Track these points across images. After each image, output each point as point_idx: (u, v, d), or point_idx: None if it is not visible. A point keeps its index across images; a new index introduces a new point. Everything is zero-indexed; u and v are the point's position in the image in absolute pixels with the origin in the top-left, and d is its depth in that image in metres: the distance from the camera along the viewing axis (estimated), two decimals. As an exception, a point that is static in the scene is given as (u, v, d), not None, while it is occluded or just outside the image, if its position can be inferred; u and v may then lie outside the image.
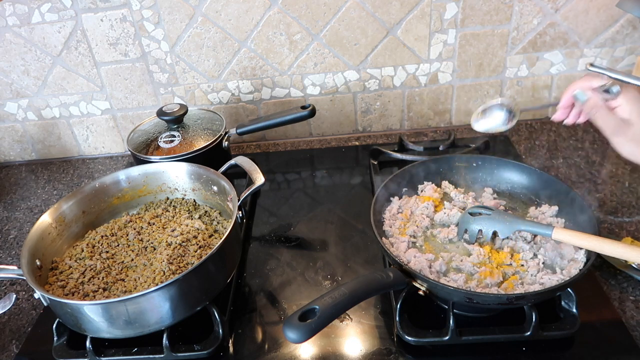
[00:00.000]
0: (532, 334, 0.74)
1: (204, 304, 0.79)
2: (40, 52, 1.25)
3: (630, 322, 0.78)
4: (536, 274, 0.77)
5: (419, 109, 1.31)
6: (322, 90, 1.29)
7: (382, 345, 0.78)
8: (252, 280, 0.94)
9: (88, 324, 0.75)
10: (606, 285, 0.84)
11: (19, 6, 1.19)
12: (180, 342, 0.80)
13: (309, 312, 0.65)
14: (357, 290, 0.69)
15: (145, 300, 0.73)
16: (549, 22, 1.16)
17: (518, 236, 0.83)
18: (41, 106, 1.34)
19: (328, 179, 1.21)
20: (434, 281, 0.74)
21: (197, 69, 1.26)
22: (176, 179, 1.03)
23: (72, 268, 0.88)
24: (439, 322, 0.78)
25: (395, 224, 0.89)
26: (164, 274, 0.81)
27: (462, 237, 0.85)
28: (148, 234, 0.93)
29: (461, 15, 1.16)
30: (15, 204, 1.27)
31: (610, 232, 0.95)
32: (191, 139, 1.12)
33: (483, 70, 1.24)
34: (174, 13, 1.18)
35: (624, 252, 0.70)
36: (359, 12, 1.17)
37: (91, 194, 0.99)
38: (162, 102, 1.32)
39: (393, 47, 1.21)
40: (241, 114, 1.34)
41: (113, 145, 1.41)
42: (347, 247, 0.98)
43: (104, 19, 1.20)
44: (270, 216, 1.11)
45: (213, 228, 0.95)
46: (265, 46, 1.22)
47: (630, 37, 1.18)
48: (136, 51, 1.24)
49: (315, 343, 0.80)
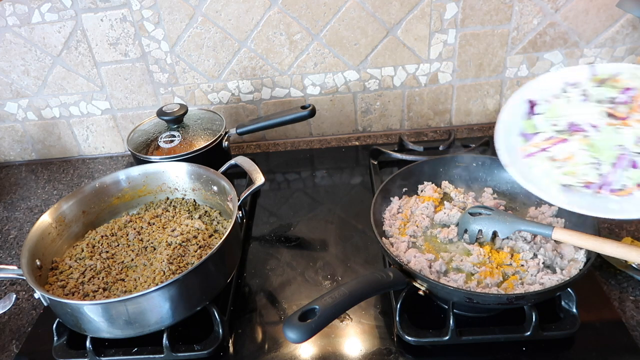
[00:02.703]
0: (532, 334, 0.74)
1: (204, 304, 0.79)
2: (40, 52, 1.25)
3: (630, 322, 0.78)
4: (536, 274, 0.77)
5: (419, 109, 1.31)
6: (322, 90, 1.29)
7: (382, 345, 0.78)
8: (252, 280, 0.94)
9: (88, 324, 0.75)
10: (606, 285, 0.84)
11: (19, 6, 1.19)
12: (180, 342, 0.80)
13: (309, 312, 0.65)
14: (357, 290, 0.69)
15: (145, 300, 0.73)
16: (549, 22, 1.16)
17: (518, 236, 0.83)
18: (41, 106, 1.34)
19: (328, 179, 1.21)
20: (434, 281, 0.74)
21: (197, 69, 1.26)
22: (176, 179, 1.03)
23: (72, 268, 0.88)
24: (439, 322, 0.78)
25: (395, 224, 0.89)
26: (164, 274, 0.81)
27: (462, 237, 0.85)
28: (148, 234, 0.93)
29: (461, 15, 1.16)
30: (15, 204, 1.27)
31: (610, 232, 0.95)
32: (191, 139, 1.12)
33: (483, 70, 1.24)
34: (174, 13, 1.18)
35: (624, 252, 0.70)
36: (359, 12, 1.17)
37: (91, 194, 0.99)
38: (162, 102, 1.32)
39: (393, 47, 1.21)
40: (241, 114, 1.34)
41: (113, 145, 1.41)
42: (347, 247, 0.98)
43: (104, 19, 1.20)
44: (270, 216, 1.11)
45: (213, 228, 0.95)
46: (265, 46, 1.22)
47: (630, 37, 1.18)
48: (136, 51, 1.24)
49: (315, 343, 0.80)
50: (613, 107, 0.69)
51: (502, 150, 0.76)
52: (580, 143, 0.69)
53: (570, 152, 0.70)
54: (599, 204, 0.69)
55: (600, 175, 0.68)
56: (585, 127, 0.69)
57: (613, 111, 0.69)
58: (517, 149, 0.75)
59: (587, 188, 0.69)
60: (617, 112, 0.69)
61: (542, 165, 0.73)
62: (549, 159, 0.72)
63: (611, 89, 0.70)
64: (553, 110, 0.73)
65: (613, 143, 0.67)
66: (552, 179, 0.71)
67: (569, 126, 0.71)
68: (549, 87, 0.76)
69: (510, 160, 0.75)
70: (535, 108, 0.76)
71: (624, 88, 0.70)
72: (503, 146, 0.76)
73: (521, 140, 0.75)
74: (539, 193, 0.72)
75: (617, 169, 0.67)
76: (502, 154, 0.76)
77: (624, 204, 0.68)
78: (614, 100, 0.70)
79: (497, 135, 0.78)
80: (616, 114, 0.69)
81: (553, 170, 0.71)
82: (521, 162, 0.74)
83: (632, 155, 0.66)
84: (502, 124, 0.78)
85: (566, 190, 0.71)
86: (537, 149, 0.73)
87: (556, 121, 0.72)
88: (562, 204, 0.70)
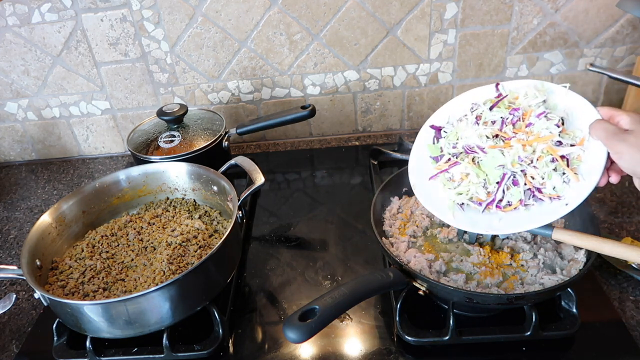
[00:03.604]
0: (532, 334, 0.74)
1: (204, 304, 0.79)
2: (40, 52, 1.25)
3: (630, 322, 0.78)
4: (536, 274, 0.77)
5: (419, 109, 1.31)
6: (322, 90, 1.29)
7: (382, 345, 0.79)
8: (252, 280, 0.94)
9: (88, 324, 0.75)
10: (606, 285, 0.84)
11: (19, 6, 1.19)
12: (180, 342, 0.80)
13: (309, 312, 0.65)
14: (357, 290, 0.69)
15: (145, 300, 0.73)
16: (549, 22, 1.16)
17: (518, 236, 0.83)
18: (41, 106, 1.34)
19: (328, 179, 1.21)
20: (434, 281, 0.74)
21: (197, 69, 1.26)
22: (176, 179, 1.03)
23: (72, 268, 0.88)
24: (439, 322, 0.78)
25: (395, 224, 0.89)
26: (164, 274, 0.81)
27: (462, 237, 0.85)
28: (148, 234, 0.93)
29: (461, 15, 1.16)
30: (15, 204, 1.27)
31: (610, 232, 0.95)
32: (191, 139, 1.12)
33: (483, 70, 1.24)
34: (174, 13, 1.18)
35: (624, 252, 0.70)
36: (359, 12, 1.17)
37: (91, 194, 0.99)
38: (162, 102, 1.32)
39: (393, 47, 1.21)
40: (241, 114, 1.34)
41: (113, 145, 1.41)
42: (347, 247, 0.98)
43: (104, 19, 1.20)
44: (270, 216, 1.11)
45: (213, 228, 0.95)
46: (265, 46, 1.22)
47: (630, 37, 1.18)
48: (136, 51, 1.24)
49: (315, 343, 0.80)
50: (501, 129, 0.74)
51: (412, 172, 0.81)
52: (469, 165, 0.74)
53: (464, 173, 0.75)
54: (487, 221, 0.73)
55: (488, 193, 0.73)
56: (475, 149, 0.74)
57: (500, 132, 0.73)
58: (426, 171, 0.80)
59: (479, 205, 0.74)
60: (503, 132, 0.73)
61: (441, 185, 0.78)
62: (448, 179, 0.77)
63: (504, 109, 0.75)
64: (454, 133, 0.78)
65: (496, 163, 0.72)
66: (449, 198, 0.76)
67: (464, 148, 0.76)
68: (459, 109, 0.81)
69: (416, 181, 0.80)
70: (442, 132, 0.80)
71: (512, 108, 0.74)
72: (414, 169, 0.81)
73: (431, 162, 0.80)
74: (434, 212, 0.77)
75: (501, 187, 0.72)
76: (411, 175, 0.81)
77: (508, 219, 0.72)
78: (505, 120, 0.74)
79: (410, 158, 0.82)
80: (503, 135, 0.73)
81: (450, 190, 0.76)
82: (426, 183, 0.79)
83: (512, 174, 0.71)
84: (416, 148, 0.83)
85: (460, 210, 0.75)
86: (438, 170, 0.78)
87: (455, 144, 0.77)
88: (453, 222, 0.75)
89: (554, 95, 0.75)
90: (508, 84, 0.79)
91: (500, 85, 0.79)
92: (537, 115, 0.72)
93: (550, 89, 0.75)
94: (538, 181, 0.70)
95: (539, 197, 0.71)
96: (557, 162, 0.69)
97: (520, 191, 0.71)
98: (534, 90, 0.75)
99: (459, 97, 0.82)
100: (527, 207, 0.72)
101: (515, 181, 0.71)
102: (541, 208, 0.71)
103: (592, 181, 0.67)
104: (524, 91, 0.76)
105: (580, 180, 0.68)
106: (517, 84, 0.78)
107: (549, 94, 0.75)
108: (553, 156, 0.69)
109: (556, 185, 0.70)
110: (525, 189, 0.71)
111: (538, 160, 0.70)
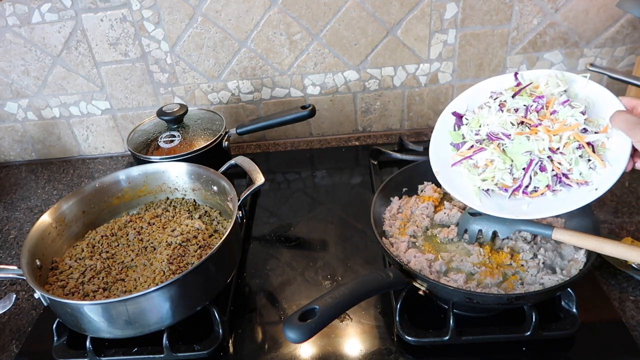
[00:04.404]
0: (532, 334, 0.74)
1: (204, 304, 0.79)
2: (40, 52, 1.25)
3: (630, 322, 0.78)
4: (536, 274, 0.77)
5: (419, 109, 1.31)
6: (322, 90, 1.29)
7: (382, 345, 0.79)
8: (252, 280, 0.94)
9: (88, 324, 0.75)
10: (606, 285, 0.84)
11: (19, 6, 1.19)
12: (180, 342, 0.80)
13: (309, 312, 0.65)
14: (357, 290, 0.69)
15: (145, 300, 0.73)
16: (549, 22, 1.16)
17: (518, 236, 0.83)
18: (41, 106, 1.34)
19: (328, 179, 1.21)
20: (434, 281, 0.74)
21: (197, 69, 1.26)
22: (176, 179, 1.03)
23: (72, 268, 0.88)
24: (439, 322, 0.78)
25: (395, 224, 0.89)
26: (164, 274, 0.81)
27: (462, 237, 0.85)
28: (148, 234, 0.93)
29: (461, 15, 1.16)
30: (15, 204, 1.27)
31: (610, 232, 0.95)
32: (191, 139, 1.12)
33: (483, 70, 1.24)
34: (174, 13, 1.18)
35: (624, 252, 0.70)
36: (359, 12, 1.17)
37: (91, 194, 0.99)
38: (162, 102, 1.32)
39: (393, 47, 1.21)
40: (241, 114, 1.34)
41: (113, 145, 1.41)
42: (347, 247, 0.98)
43: (104, 19, 1.20)
44: (270, 216, 1.11)
45: (213, 228, 0.95)
46: (265, 46, 1.22)
47: (630, 37, 1.18)
48: (136, 51, 1.24)
49: (315, 343, 0.80)
50: (525, 116, 0.74)
51: (433, 159, 0.81)
52: (495, 150, 0.74)
53: (489, 159, 0.75)
54: (514, 206, 0.74)
55: (514, 179, 0.74)
56: (500, 136, 0.74)
57: (525, 119, 0.74)
58: (447, 158, 0.80)
59: (505, 191, 0.74)
60: (528, 119, 0.74)
61: (465, 172, 0.78)
62: (472, 166, 0.77)
63: (527, 97, 0.75)
64: (476, 120, 0.78)
65: (523, 149, 0.72)
66: (473, 184, 0.77)
67: (487, 135, 0.76)
68: (478, 97, 0.81)
69: (438, 168, 0.80)
70: (463, 119, 0.81)
71: (536, 96, 0.74)
72: (435, 156, 0.81)
73: (452, 149, 0.81)
74: (460, 197, 0.77)
75: (528, 173, 0.72)
76: (432, 163, 0.81)
77: (536, 204, 0.73)
78: (529, 107, 0.74)
79: (430, 145, 0.83)
80: (528, 122, 0.73)
81: (474, 176, 0.77)
82: (449, 169, 0.80)
83: (539, 160, 0.72)
84: (436, 135, 0.83)
85: (486, 195, 0.76)
86: (461, 157, 0.79)
87: (478, 130, 0.78)
88: (481, 207, 0.75)
89: (574, 85, 0.75)
90: (526, 73, 0.79)
91: (519, 74, 0.79)
92: (562, 103, 0.72)
93: (571, 79, 0.76)
94: (565, 167, 0.71)
95: (566, 182, 0.71)
96: (584, 148, 0.70)
97: (547, 177, 0.71)
98: (555, 79, 0.75)
99: (477, 86, 0.82)
100: (554, 193, 0.72)
101: (543, 167, 0.72)
102: (570, 193, 0.71)
103: (620, 166, 0.68)
104: (545, 80, 0.76)
105: (607, 166, 0.69)
106: (536, 73, 0.78)
107: (570, 83, 0.75)
108: (580, 143, 0.70)
109: (582, 171, 0.70)
110: (553, 175, 0.71)
111: (565, 147, 0.70)
